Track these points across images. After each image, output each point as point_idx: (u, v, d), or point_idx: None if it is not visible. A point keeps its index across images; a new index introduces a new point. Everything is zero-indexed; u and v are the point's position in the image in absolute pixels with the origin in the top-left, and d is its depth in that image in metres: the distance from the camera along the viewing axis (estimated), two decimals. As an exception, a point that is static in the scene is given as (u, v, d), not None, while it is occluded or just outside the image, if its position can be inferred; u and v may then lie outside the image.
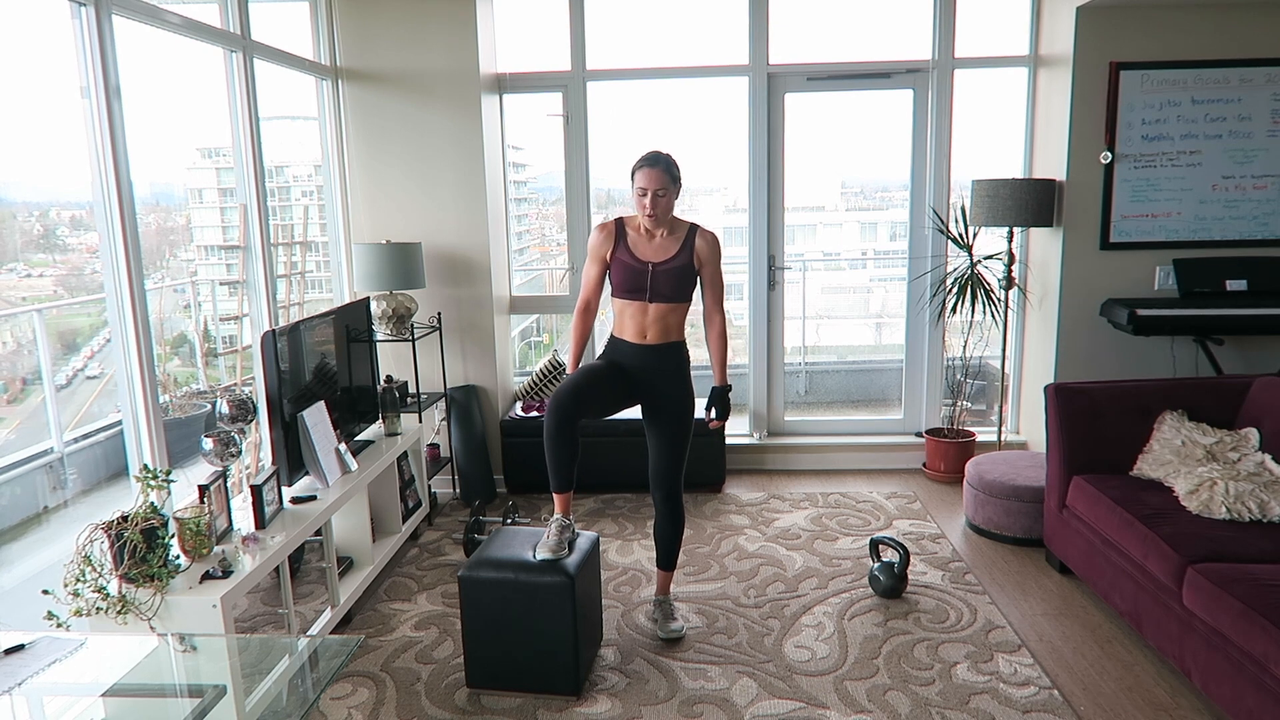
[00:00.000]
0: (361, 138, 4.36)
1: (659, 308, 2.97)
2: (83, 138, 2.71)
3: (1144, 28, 4.11)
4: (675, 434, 3.07)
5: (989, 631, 3.08)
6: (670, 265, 2.94)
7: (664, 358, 3.02)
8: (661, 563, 3.21)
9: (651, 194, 2.86)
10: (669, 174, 2.89)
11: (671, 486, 3.11)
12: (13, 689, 1.78)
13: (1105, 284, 4.31)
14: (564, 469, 2.89)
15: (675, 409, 3.06)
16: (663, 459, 3.09)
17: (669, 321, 3.00)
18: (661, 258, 2.95)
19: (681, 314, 3.04)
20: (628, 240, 2.99)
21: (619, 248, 2.99)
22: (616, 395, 3.04)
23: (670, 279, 2.95)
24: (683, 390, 3.08)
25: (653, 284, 2.95)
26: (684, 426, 3.08)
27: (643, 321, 3.00)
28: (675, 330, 3.04)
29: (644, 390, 3.06)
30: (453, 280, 4.45)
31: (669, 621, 3.14)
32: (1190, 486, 2.98)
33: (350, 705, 2.72)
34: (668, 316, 2.99)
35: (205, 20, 3.30)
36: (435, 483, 4.56)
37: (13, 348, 4.26)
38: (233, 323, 5.21)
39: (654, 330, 3.00)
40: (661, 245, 2.96)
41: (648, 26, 4.78)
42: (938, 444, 4.68)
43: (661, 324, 2.99)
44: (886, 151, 4.82)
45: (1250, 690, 2.32)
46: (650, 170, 2.87)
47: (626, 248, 2.98)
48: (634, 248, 2.98)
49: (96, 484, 4.45)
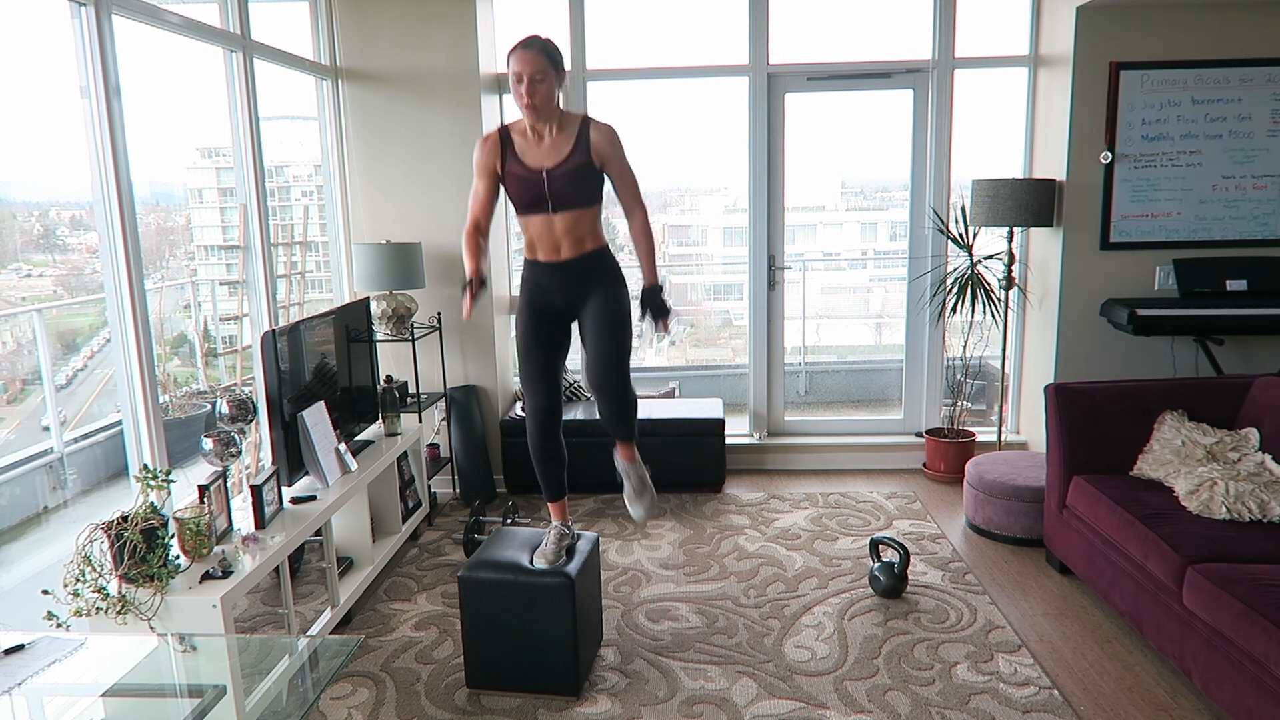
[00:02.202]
0: (361, 138, 4.36)
1: (565, 217, 2.69)
2: (83, 138, 2.71)
3: (1144, 28, 4.11)
4: (604, 321, 2.74)
5: (989, 631, 3.08)
6: (566, 166, 2.65)
7: (586, 268, 2.76)
8: (619, 437, 2.91)
9: (528, 79, 2.56)
10: (547, 55, 2.59)
11: (610, 375, 2.75)
12: (13, 689, 1.78)
13: (1105, 284, 4.31)
14: (554, 480, 2.87)
15: (603, 299, 2.77)
16: (594, 348, 2.75)
17: (580, 229, 2.72)
18: (554, 160, 2.66)
19: (593, 218, 2.75)
20: (515, 149, 2.70)
21: (508, 159, 2.70)
22: (563, 340, 2.84)
23: (569, 181, 2.65)
24: (612, 282, 2.80)
25: (551, 191, 2.66)
26: (613, 310, 2.76)
27: (552, 236, 2.72)
28: (591, 237, 2.76)
29: (575, 306, 2.81)
30: (453, 280, 4.45)
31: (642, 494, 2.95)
32: (1190, 486, 2.98)
33: (350, 705, 2.72)
34: (577, 224, 2.71)
35: (205, 20, 3.30)
36: (435, 483, 4.56)
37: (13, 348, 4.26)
38: (233, 323, 5.22)
39: (567, 243, 2.72)
40: (553, 146, 2.66)
41: (648, 26, 4.78)
42: (938, 444, 4.68)
43: (573, 235, 2.72)
44: (886, 151, 4.82)
45: (1250, 690, 2.32)
46: (525, 53, 2.57)
47: (515, 157, 2.69)
48: (523, 156, 2.68)
49: (96, 484, 4.45)
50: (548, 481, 2.87)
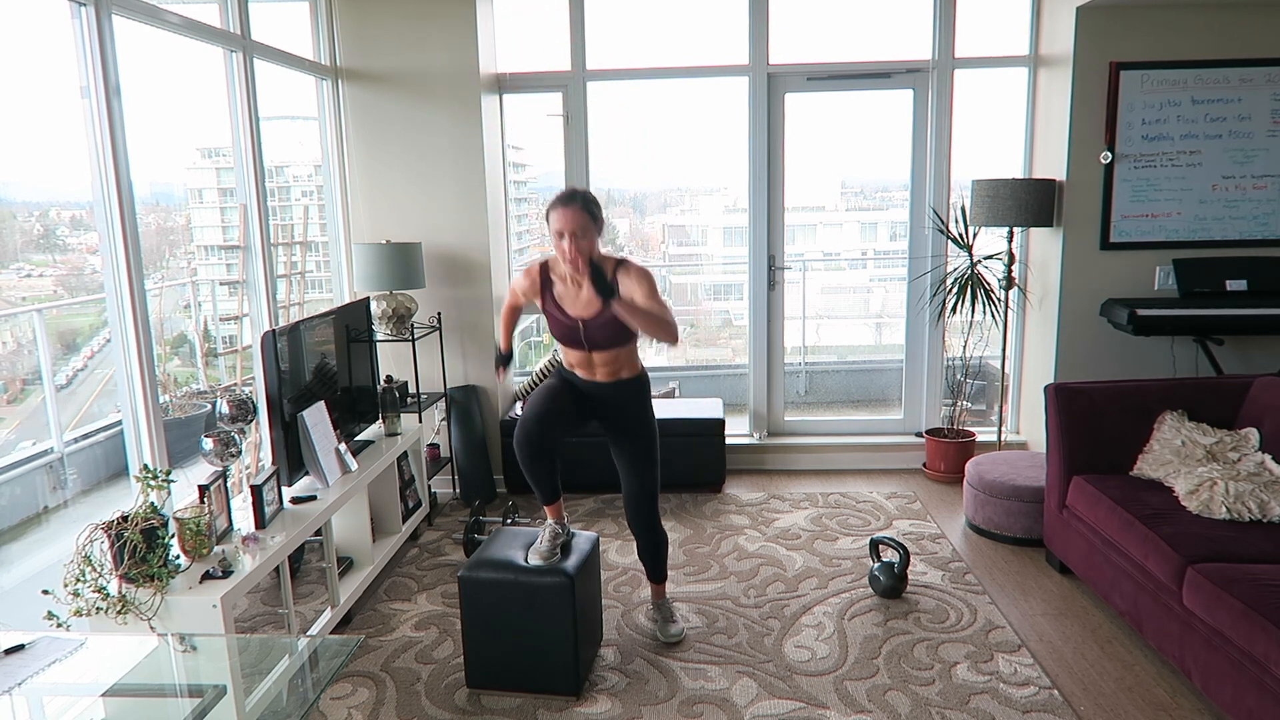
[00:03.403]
0: (361, 138, 4.36)
1: (602, 354, 2.80)
2: (83, 138, 2.71)
3: (1144, 28, 4.11)
4: (641, 459, 2.92)
5: (989, 631, 3.08)
6: (603, 319, 2.71)
7: (619, 393, 2.88)
8: (651, 577, 3.16)
9: (570, 236, 2.59)
10: (588, 212, 2.62)
11: (647, 516, 2.98)
12: (13, 689, 1.78)
13: (1105, 284, 4.31)
14: (546, 486, 2.86)
15: (636, 432, 2.91)
16: (632, 486, 2.96)
17: (618, 363, 2.83)
18: (591, 311, 2.72)
19: (630, 352, 2.86)
20: (554, 291, 2.77)
21: (546, 300, 2.79)
22: (579, 415, 2.91)
23: (605, 332, 2.73)
24: (642, 414, 2.91)
25: (588, 337, 2.76)
26: (649, 450, 2.92)
27: (589, 365, 2.84)
28: (627, 366, 2.87)
29: (601, 414, 2.93)
30: (453, 280, 4.45)
31: (669, 625, 3.10)
32: (1190, 486, 2.98)
33: (350, 705, 2.72)
34: (615, 360, 2.82)
35: (205, 20, 3.30)
36: (435, 483, 4.56)
37: (13, 348, 4.26)
38: (233, 323, 5.21)
39: (603, 371, 2.84)
40: (590, 296, 2.71)
41: (648, 26, 4.78)
42: (938, 444, 4.68)
43: (610, 366, 2.83)
44: (886, 151, 4.82)
45: (1250, 690, 2.32)
46: (565, 210, 2.59)
47: (554, 301, 2.77)
48: (561, 301, 2.76)
49: (96, 484, 4.45)
50: (540, 488, 2.87)
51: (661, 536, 3.08)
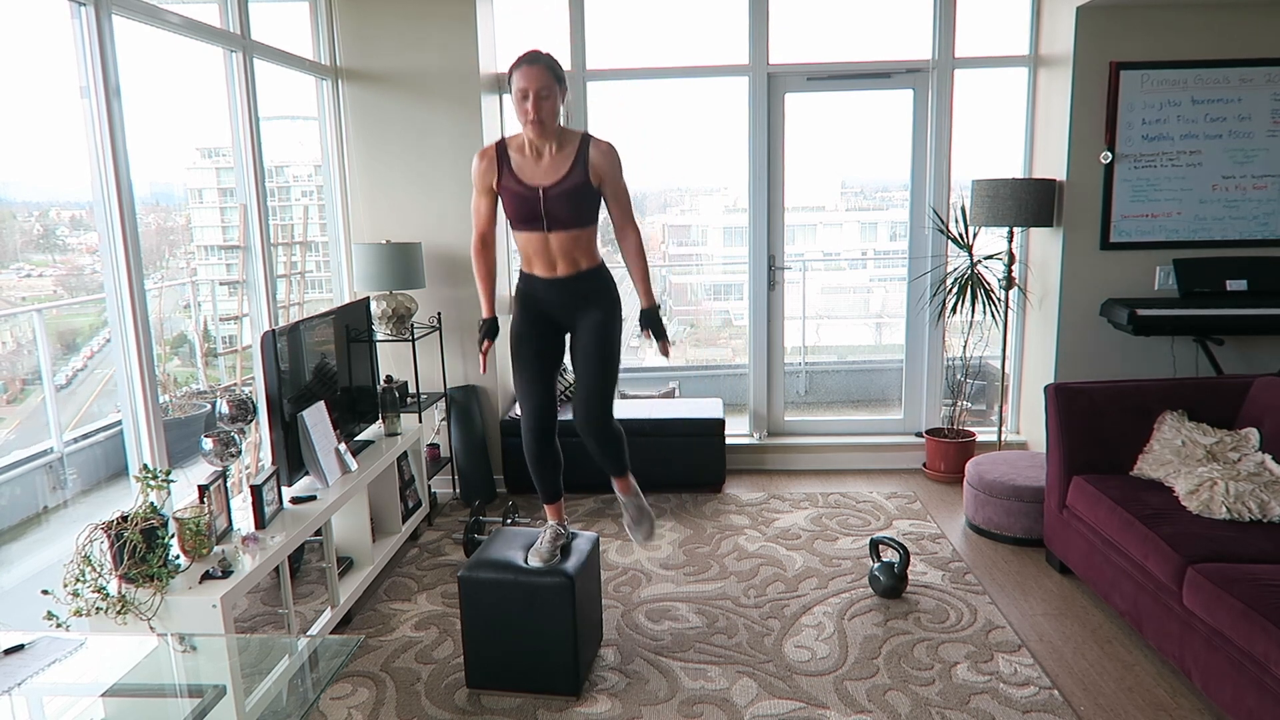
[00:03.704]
0: (361, 138, 4.36)
1: (560, 236, 2.68)
2: (83, 138, 2.71)
3: (1144, 28, 4.11)
4: (591, 351, 2.75)
5: (989, 631, 3.08)
6: (563, 186, 2.62)
7: (580, 287, 2.76)
8: (612, 471, 2.93)
9: (534, 95, 2.53)
10: (552, 72, 2.56)
11: (594, 418, 2.75)
12: (13, 689, 1.78)
13: (1105, 284, 4.31)
14: (551, 484, 2.88)
15: (593, 326, 2.77)
16: (581, 384, 2.76)
17: (576, 249, 2.71)
18: (552, 179, 2.63)
19: (589, 238, 2.73)
20: (512, 165, 2.67)
21: (504, 175, 2.67)
22: (557, 351, 2.83)
23: (565, 202, 2.64)
24: (605, 306, 2.79)
25: (547, 210, 2.64)
26: (602, 342, 2.76)
27: (548, 254, 2.72)
28: (586, 256, 2.75)
29: (569, 322, 2.82)
30: (453, 280, 4.45)
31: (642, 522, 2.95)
32: (1190, 486, 2.98)
33: (350, 705, 2.72)
34: (573, 245, 2.70)
35: (205, 20, 3.30)
36: (435, 483, 4.56)
37: (13, 348, 4.27)
38: (233, 323, 5.22)
39: (563, 261, 2.72)
40: (551, 164, 2.64)
41: (648, 26, 4.78)
42: (938, 444, 4.68)
43: (568, 254, 2.71)
44: (886, 151, 4.82)
45: (1250, 691, 2.32)
46: (530, 69, 2.54)
47: (512, 173, 2.66)
48: (520, 172, 2.65)
49: (96, 484, 4.45)
50: (544, 485, 2.90)
51: (616, 436, 2.85)
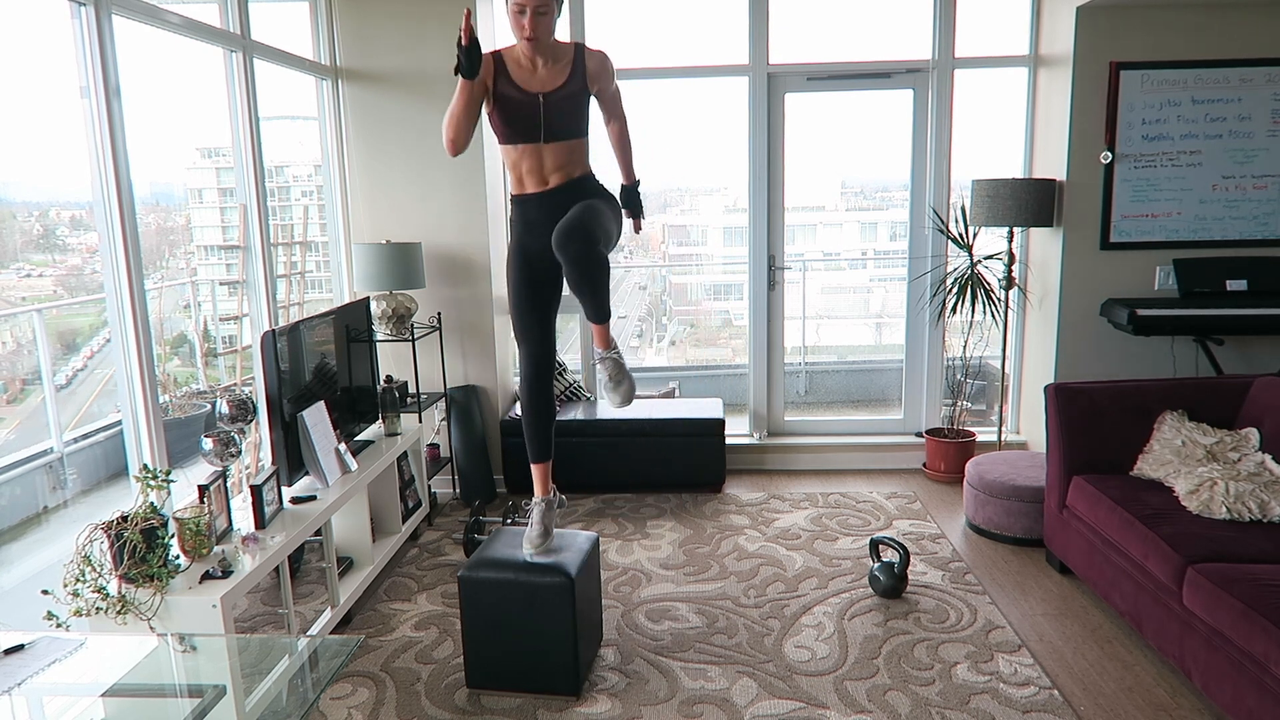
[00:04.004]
0: (361, 138, 4.36)
1: (556, 147, 2.65)
2: (83, 138, 2.71)
3: (1144, 28, 4.11)
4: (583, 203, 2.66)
5: (989, 631, 3.08)
6: (563, 92, 2.61)
7: (573, 194, 2.72)
8: (591, 315, 2.64)
9: (531, 10, 2.51)
10: None
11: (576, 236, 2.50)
12: (13, 689, 1.78)
13: (1105, 284, 4.31)
14: (543, 436, 2.89)
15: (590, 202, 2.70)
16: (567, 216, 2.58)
17: (571, 160, 2.70)
18: (552, 86, 2.61)
19: (581, 148, 2.73)
20: (509, 72, 2.62)
21: (500, 80, 2.62)
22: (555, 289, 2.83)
23: (564, 109, 2.61)
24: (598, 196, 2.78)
25: (547, 118, 2.60)
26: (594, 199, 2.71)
27: (541, 168, 2.68)
28: (579, 165, 2.74)
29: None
30: (453, 280, 4.45)
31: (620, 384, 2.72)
32: (1190, 486, 2.98)
33: (350, 705, 2.72)
34: (568, 156, 2.69)
35: (205, 20, 3.30)
36: (435, 483, 4.56)
37: (13, 348, 4.27)
38: (233, 323, 5.21)
39: (556, 174, 2.70)
40: (548, 74, 2.62)
41: (648, 26, 4.78)
42: (938, 444, 4.68)
43: (562, 167, 2.70)
44: (886, 151, 4.82)
45: (1250, 691, 2.32)
46: None
47: (509, 80, 2.62)
48: (517, 79, 2.62)
49: (96, 484, 4.45)
50: (536, 436, 2.88)
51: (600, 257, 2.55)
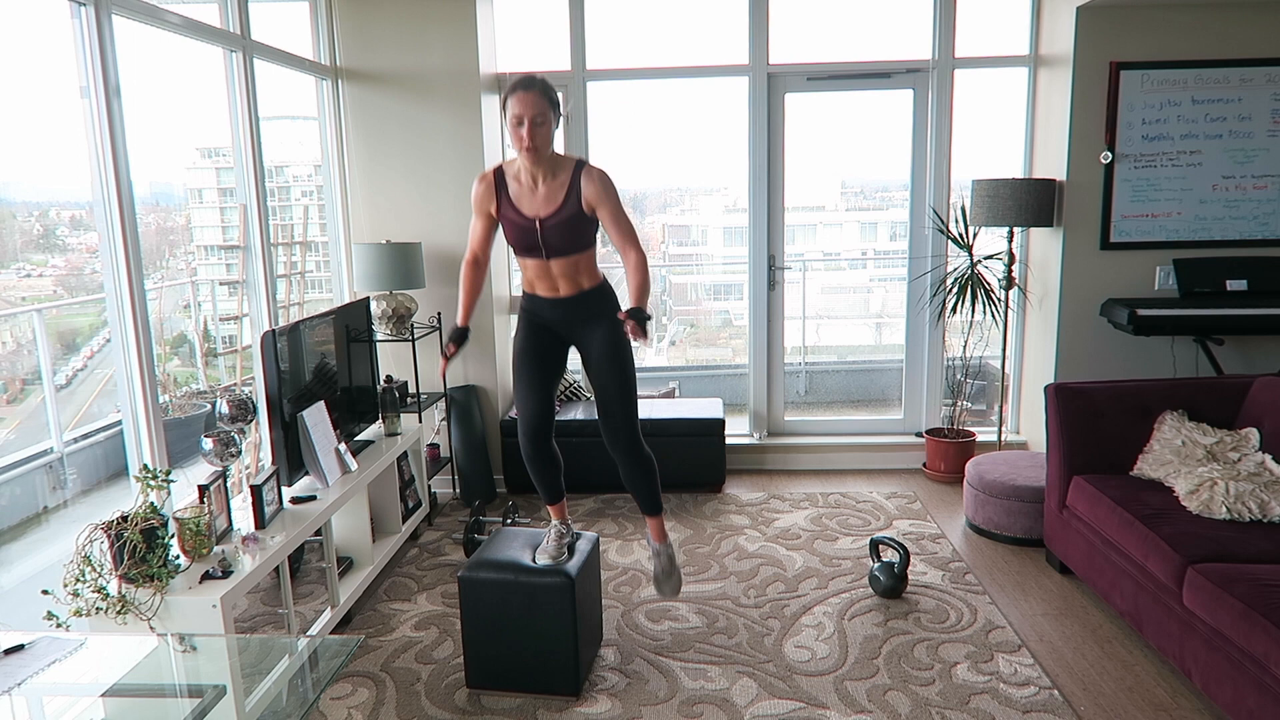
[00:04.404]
0: (361, 138, 4.36)
1: (560, 262, 2.72)
2: (83, 138, 2.71)
3: (1144, 28, 4.11)
4: (613, 373, 2.79)
5: (989, 631, 3.08)
6: (558, 218, 2.65)
7: (584, 306, 2.80)
8: (645, 509, 2.95)
9: (529, 122, 2.53)
10: (547, 97, 2.57)
11: (626, 438, 2.82)
12: (13, 689, 1.78)
13: (1105, 284, 4.31)
14: (551, 484, 2.90)
15: (607, 348, 2.79)
16: (607, 405, 2.81)
17: (577, 271, 2.75)
18: (548, 210, 2.66)
19: (589, 260, 2.77)
20: (510, 194, 2.70)
21: (502, 203, 2.71)
22: (559, 358, 2.87)
23: (562, 232, 2.67)
24: (612, 329, 2.79)
25: (545, 240, 2.68)
26: (621, 364, 2.80)
27: (549, 278, 2.76)
28: (588, 276, 2.78)
29: (574, 337, 2.86)
30: (453, 280, 4.44)
31: (668, 578, 2.98)
32: (1190, 486, 2.98)
33: (350, 705, 2.72)
34: (574, 268, 2.74)
35: (205, 20, 3.30)
36: (435, 483, 4.56)
37: (13, 348, 4.27)
38: (233, 323, 5.21)
39: (565, 284, 2.76)
40: (547, 194, 2.66)
41: (648, 26, 4.78)
42: (938, 444, 4.68)
43: (570, 277, 2.75)
44: (886, 151, 4.82)
45: (1251, 691, 2.32)
46: (525, 94, 2.54)
47: (510, 202, 2.70)
48: (517, 202, 2.69)
49: (96, 484, 4.45)
50: (544, 486, 2.91)
51: (646, 460, 2.88)
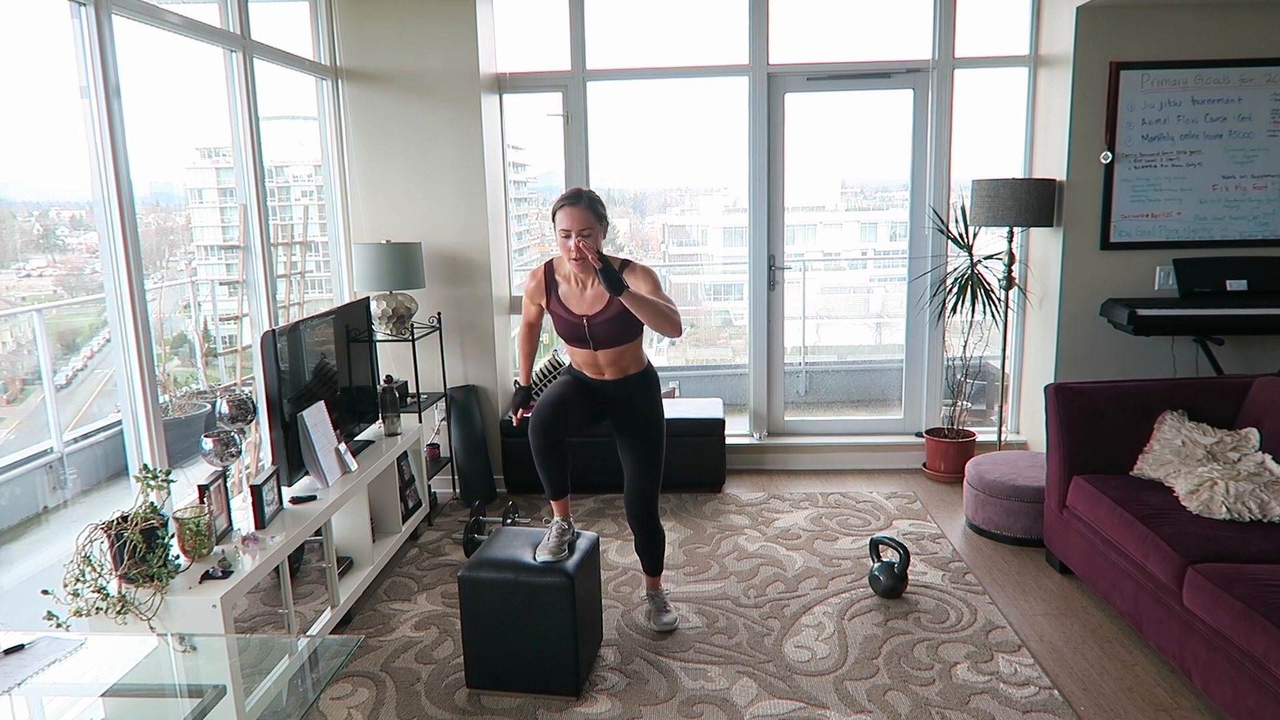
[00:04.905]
0: (361, 138, 4.36)
1: (607, 352, 2.88)
2: (83, 138, 2.71)
3: (1144, 28, 4.11)
4: (646, 455, 3.01)
5: (989, 631, 3.08)
6: (605, 316, 2.80)
7: (626, 389, 2.96)
8: (648, 570, 3.22)
9: (576, 235, 2.67)
10: (593, 211, 2.70)
11: (647, 510, 3.06)
12: (13, 689, 1.78)
13: (1105, 284, 4.31)
14: (557, 480, 2.92)
15: (643, 430, 2.98)
16: (636, 480, 3.04)
17: (624, 358, 2.91)
18: (596, 309, 2.81)
19: (635, 349, 2.93)
20: (559, 292, 2.86)
21: (551, 299, 2.87)
22: (591, 413, 2.99)
23: (609, 329, 2.82)
24: (650, 411, 2.99)
25: (592, 335, 2.84)
26: (654, 447, 3.00)
27: (595, 363, 2.92)
28: (633, 363, 2.94)
29: (611, 411, 3.01)
30: (453, 280, 4.45)
31: (661, 614, 3.16)
32: (1190, 486, 2.98)
33: (350, 705, 2.72)
34: (620, 356, 2.90)
35: (205, 20, 3.30)
36: (435, 483, 4.56)
37: (13, 348, 4.27)
38: (233, 323, 5.21)
39: (610, 370, 2.92)
40: (595, 295, 2.80)
41: (648, 26, 4.78)
42: (938, 444, 4.68)
43: (616, 364, 2.91)
44: (886, 151, 4.82)
45: (1251, 691, 2.32)
46: (572, 210, 2.68)
47: (559, 301, 2.85)
48: (566, 300, 2.84)
49: (96, 484, 4.45)
50: (550, 481, 2.92)
51: (659, 532, 3.14)
